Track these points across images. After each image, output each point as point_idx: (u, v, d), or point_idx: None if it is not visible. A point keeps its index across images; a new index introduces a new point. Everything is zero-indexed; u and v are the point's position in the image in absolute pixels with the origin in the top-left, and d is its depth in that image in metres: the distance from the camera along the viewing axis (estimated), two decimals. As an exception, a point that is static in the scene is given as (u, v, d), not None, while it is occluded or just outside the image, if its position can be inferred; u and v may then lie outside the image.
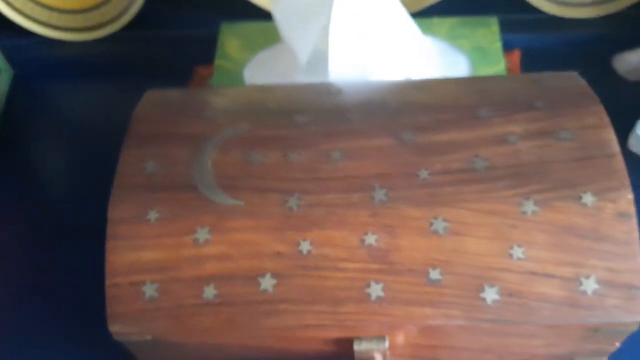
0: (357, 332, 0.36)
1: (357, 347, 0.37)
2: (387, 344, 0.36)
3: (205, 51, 0.61)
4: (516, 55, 0.62)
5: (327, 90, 0.44)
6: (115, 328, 0.36)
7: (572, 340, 0.37)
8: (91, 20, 0.66)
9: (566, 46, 0.64)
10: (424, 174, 0.37)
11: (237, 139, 0.39)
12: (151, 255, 0.36)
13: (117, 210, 0.37)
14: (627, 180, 0.36)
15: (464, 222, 0.36)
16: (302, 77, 0.52)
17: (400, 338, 0.37)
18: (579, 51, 0.63)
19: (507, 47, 0.60)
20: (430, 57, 0.57)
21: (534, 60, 0.61)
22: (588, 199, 0.36)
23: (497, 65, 0.57)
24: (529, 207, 0.36)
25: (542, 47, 0.63)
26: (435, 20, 0.60)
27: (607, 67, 0.61)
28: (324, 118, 0.40)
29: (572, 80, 0.42)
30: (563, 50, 0.63)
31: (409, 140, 0.39)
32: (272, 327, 0.35)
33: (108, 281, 0.36)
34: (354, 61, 0.51)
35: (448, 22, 0.60)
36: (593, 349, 0.39)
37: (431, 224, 0.36)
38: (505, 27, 0.60)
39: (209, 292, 0.35)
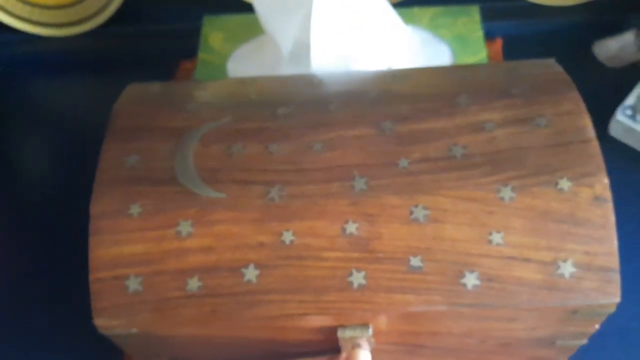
0: (341, 320, 0.37)
1: (341, 334, 0.37)
2: (370, 331, 0.37)
3: (188, 45, 0.62)
4: (498, 43, 0.62)
5: (309, 82, 0.44)
6: (100, 322, 0.36)
7: (552, 323, 0.38)
8: (73, 15, 0.65)
9: (547, 33, 0.64)
10: (403, 162, 0.37)
11: (218, 132, 0.39)
12: (134, 249, 0.36)
13: (99, 205, 0.37)
14: (602, 165, 0.36)
15: (443, 209, 0.36)
16: (285, 69, 0.52)
17: (383, 325, 0.37)
18: (560, 38, 0.63)
19: (489, 36, 0.60)
20: (412, 47, 0.57)
21: (516, 48, 0.61)
22: (564, 184, 0.36)
23: (478, 54, 0.58)
24: (507, 193, 0.36)
25: (524, 34, 0.64)
26: (417, 10, 0.61)
27: (588, 53, 0.62)
28: (305, 109, 0.41)
29: (549, 67, 0.42)
30: (544, 38, 0.63)
31: (389, 129, 0.39)
32: (256, 317, 0.36)
33: (92, 276, 0.36)
34: (335, 52, 0.51)
35: (429, 12, 0.61)
36: (573, 331, 0.39)
37: (411, 212, 0.36)
38: (486, 16, 0.61)
39: (193, 284, 0.36)
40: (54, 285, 0.52)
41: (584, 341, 0.41)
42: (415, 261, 0.36)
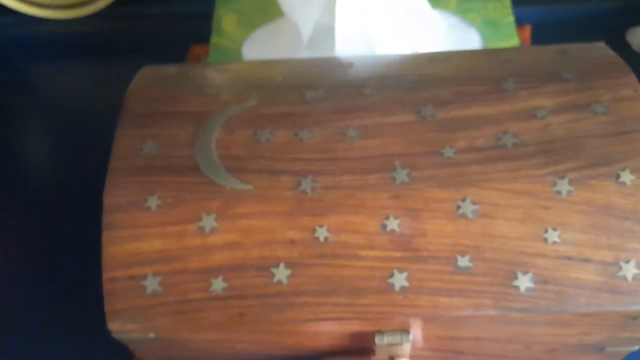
0: (379, 326, 0.33)
1: (379, 341, 0.34)
2: (411, 337, 0.34)
3: (199, 29, 0.58)
4: (527, 30, 0.59)
5: (338, 64, 0.40)
6: (115, 326, 0.32)
7: (608, 329, 0.35)
8: (77, -4, 0.62)
9: (578, 20, 0.62)
10: (448, 152, 0.34)
11: (242, 117, 0.36)
12: (152, 246, 0.33)
13: (114, 197, 0.33)
14: (668, 156, 0.33)
15: (493, 203, 0.33)
16: (305, 53, 0.49)
17: (425, 331, 0.34)
18: (591, 25, 0.61)
19: (518, 21, 0.57)
20: (439, 32, 0.54)
21: (545, 34, 0.58)
22: (626, 176, 0.33)
23: (510, 39, 0.54)
24: (564, 186, 0.33)
25: (553, 21, 0.61)
26: (444, -7, 0.57)
27: (621, 41, 0.59)
28: (336, 93, 0.37)
29: (601, 50, 0.39)
30: (575, 24, 0.61)
31: (430, 115, 0.36)
32: (287, 322, 0.32)
33: (105, 275, 0.33)
34: (360, 36, 0.48)
35: (457, -5, 0.57)
36: (627, 337, 0.36)
37: (458, 207, 0.33)
38: (515, 1, 0.58)
39: (218, 284, 0.32)
40: (63, 285, 0.49)
41: (636, 347, 0.38)
42: (462, 261, 0.32)
